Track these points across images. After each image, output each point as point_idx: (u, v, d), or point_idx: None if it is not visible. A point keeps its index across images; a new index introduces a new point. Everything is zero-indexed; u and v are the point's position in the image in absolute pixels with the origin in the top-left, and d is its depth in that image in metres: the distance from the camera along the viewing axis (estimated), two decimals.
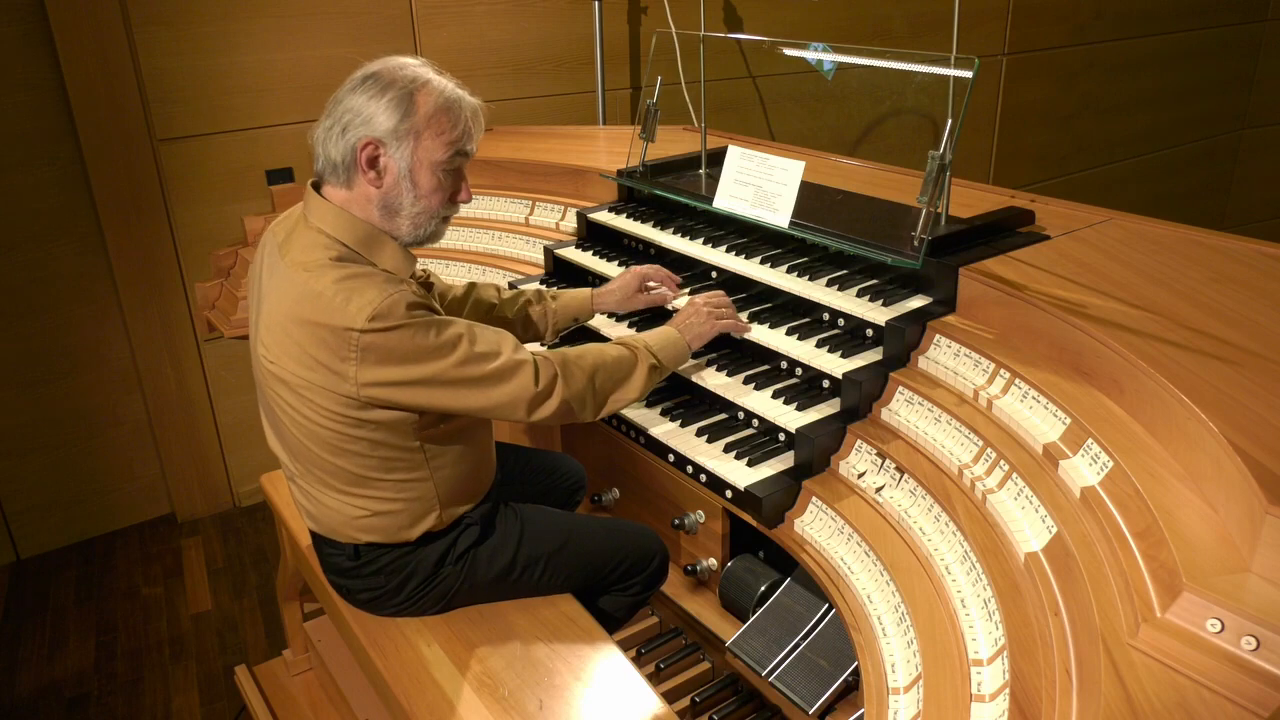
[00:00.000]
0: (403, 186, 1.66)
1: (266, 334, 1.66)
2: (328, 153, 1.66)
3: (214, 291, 2.90)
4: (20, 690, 2.82)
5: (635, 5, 4.04)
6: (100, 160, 3.16)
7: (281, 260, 1.66)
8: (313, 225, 1.68)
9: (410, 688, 1.72)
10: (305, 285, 1.59)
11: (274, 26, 3.30)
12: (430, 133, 1.64)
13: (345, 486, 1.74)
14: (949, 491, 1.63)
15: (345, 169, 1.66)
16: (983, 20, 5.05)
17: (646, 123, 2.63)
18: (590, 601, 1.99)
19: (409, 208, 1.68)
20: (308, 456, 1.73)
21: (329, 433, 1.67)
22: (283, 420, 1.72)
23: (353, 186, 1.67)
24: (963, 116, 1.84)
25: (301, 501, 1.85)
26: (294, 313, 1.60)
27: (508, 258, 2.84)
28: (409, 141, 1.63)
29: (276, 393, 1.69)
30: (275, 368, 1.65)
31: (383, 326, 1.56)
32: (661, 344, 1.94)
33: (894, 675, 1.45)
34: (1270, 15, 6.38)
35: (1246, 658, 1.06)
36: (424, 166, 1.66)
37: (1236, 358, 1.47)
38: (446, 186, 1.71)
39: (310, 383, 1.62)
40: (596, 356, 1.83)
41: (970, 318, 1.88)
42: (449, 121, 1.66)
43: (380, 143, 1.63)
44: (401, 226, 1.70)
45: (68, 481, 3.47)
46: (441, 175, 1.68)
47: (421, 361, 1.60)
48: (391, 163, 1.65)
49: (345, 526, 1.79)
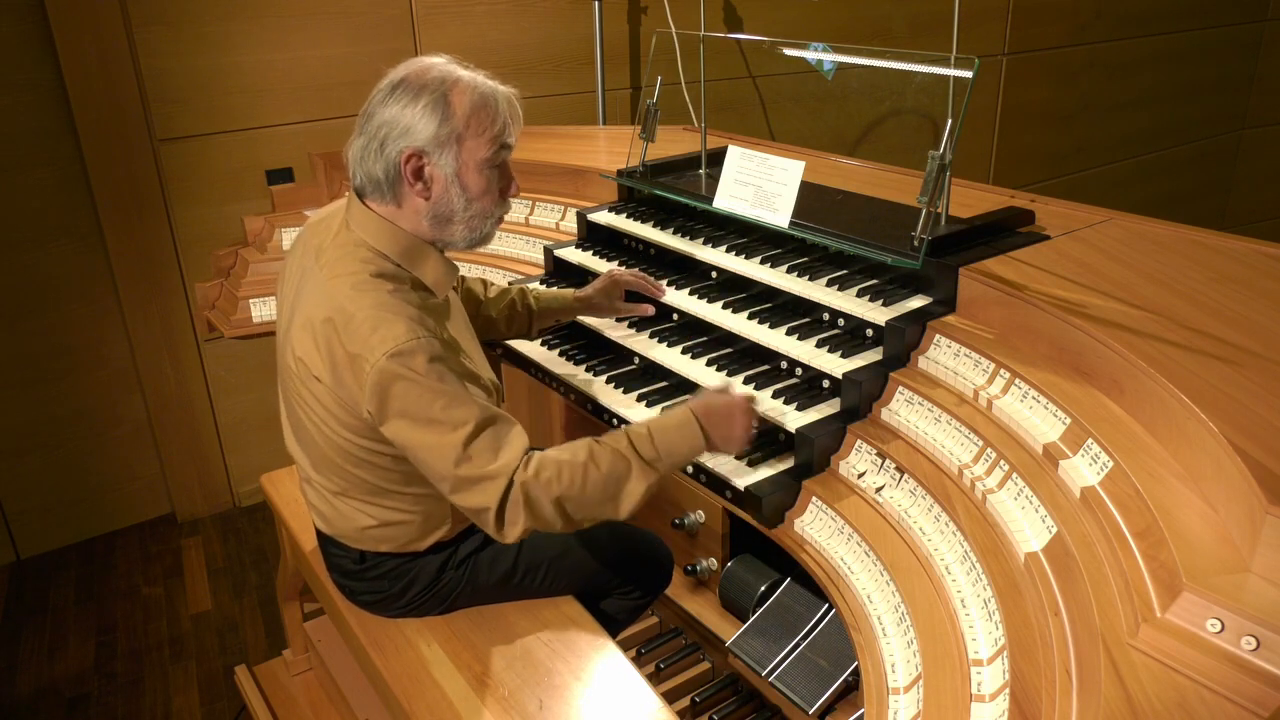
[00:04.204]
0: (453, 193, 1.62)
1: (298, 340, 1.62)
2: (368, 170, 1.61)
3: (214, 291, 2.89)
4: (20, 690, 2.82)
5: (635, 5, 4.04)
6: (100, 160, 3.16)
7: (319, 268, 1.62)
8: (354, 234, 1.64)
9: (410, 688, 1.72)
10: (341, 305, 1.55)
11: (274, 26, 3.30)
12: (471, 132, 1.59)
13: (364, 496, 1.73)
14: (949, 491, 1.63)
15: (390, 185, 1.60)
16: (983, 20, 5.05)
17: (646, 123, 2.63)
18: (593, 603, 1.99)
19: (462, 212, 1.64)
20: (328, 465, 1.72)
21: (353, 445, 1.65)
22: (306, 426, 1.70)
23: (402, 202, 1.62)
24: (963, 116, 1.84)
25: (315, 501, 1.84)
26: (325, 328, 1.56)
27: (508, 258, 2.84)
28: (452, 146, 1.59)
29: (302, 398, 1.66)
30: (304, 373, 1.62)
31: (396, 370, 1.50)
32: (670, 449, 1.66)
33: (894, 675, 1.45)
34: (1270, 15, 6.38)
35: (1246, 658, 1.06)
36: (470, 168, 1.61)
37: (1236, 358, 1.47)
38: (495, 184, 1.67)
39: (337, 398, 1.59)
40: (576, 483, 1.58)
41: (970, 318, 1.88)
42: (488, 117, 1.61)
43: (423, 152, 1.58)
44: (456, 233, 1.66)
45: (68, 481, 3.47)
46: (489, 173, 1.64)
47: (415, 422, 1.53)
48: (437, 171, 1.60)
49: (357, 534, 1.79)
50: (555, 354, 2.38)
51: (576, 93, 4.00)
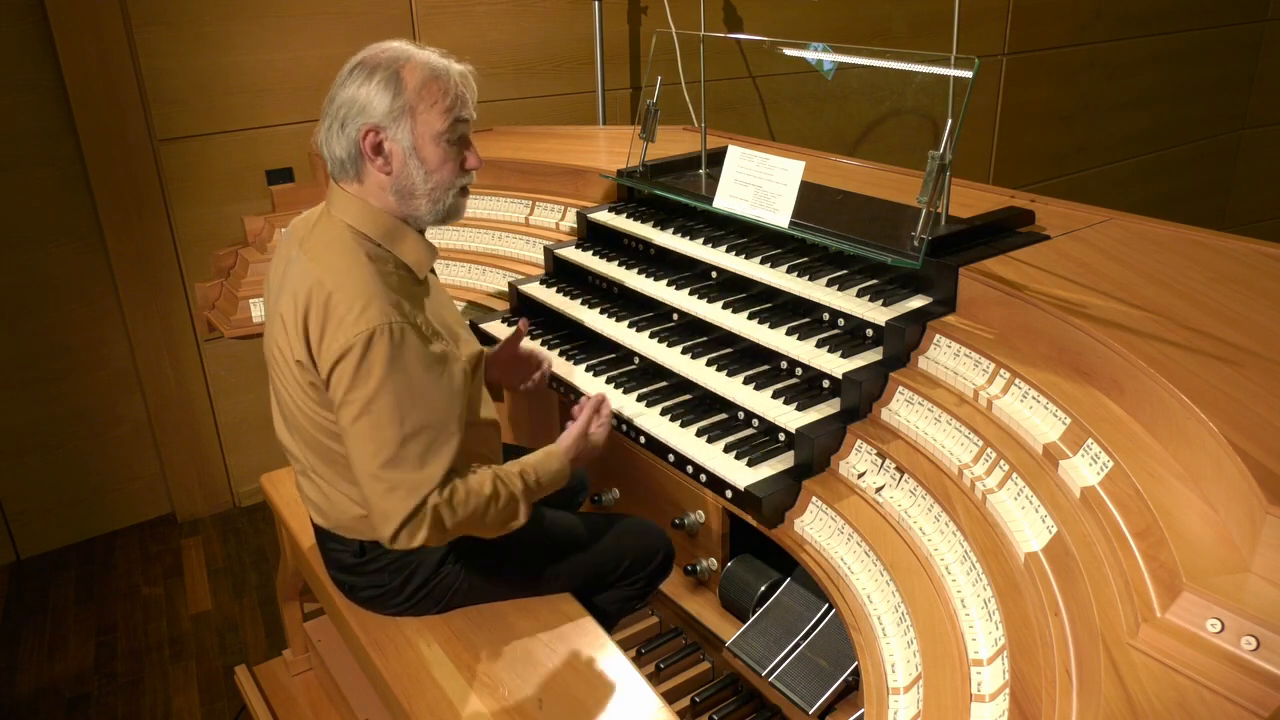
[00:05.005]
0: (412, 166, 1.67)
1: (281, 321, 1.66)
2: (333, 152, 1.68)
3: (214, 291, 2.89)
4: (20, 690, 2.82)
5: (635, 5, 4.04)
6: (100, 160, 3.16)
7: (303, 253, 1.67)
8: (336, 218, 1.69)
9: (410, 688, 1.72)
10: (321, 279, 1.60)
11: (274, 27, 3.30)
12: (424, 104, 1.64)
13: (353, 478, 1.74)
14: (949, 491, 1.63)
15: (353, 162, 1.67)
16: (983, 20, 5.05)
17: (646, 123, 2.63)
18: (590, 596, 1.99)
19: (422, 185, 1.69)
20: (315, 447, 1.74)
21: (331, 423, 1.68)
22: (290, 407, 1.73)
23: (364, 179, 1.68)
24: (963, 116, 1.84)
25: (310, 495, 1.85)
26: (306, 297, 1.61)
27: (508, 258, 2.84)
28: (406, 118, 1.64)
29: (285, 380, 1.71)
30: (285, 355, 1.67)
31: (360, 350, 1.55)
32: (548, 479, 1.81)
33: (894, 675, 1.45)
34: (1270, 15, 6.38)
35: (1246, 658, 1.06)
36: (427, 140, 1.66)
37: (1236, 358, 1.47)
38: (454, 156, 1.71)
39: (306, 368, 1.64)
40: (478, 514, 1.68)
41: (970, 318, 1.88)
42: (440, 89, 1.66)
43: (379, 127, 1.63)
44: (420, 207, 1.71)
45: (68, 481, 3.47)
46: (446, 146, 1.68)
47: (358, 405, 1.58)
48: (395, 145, 1.65)
49: (353, 521, 1.80)
50: (555, 354, 2.38)
51: (576, 93, 4.00)
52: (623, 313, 2.40)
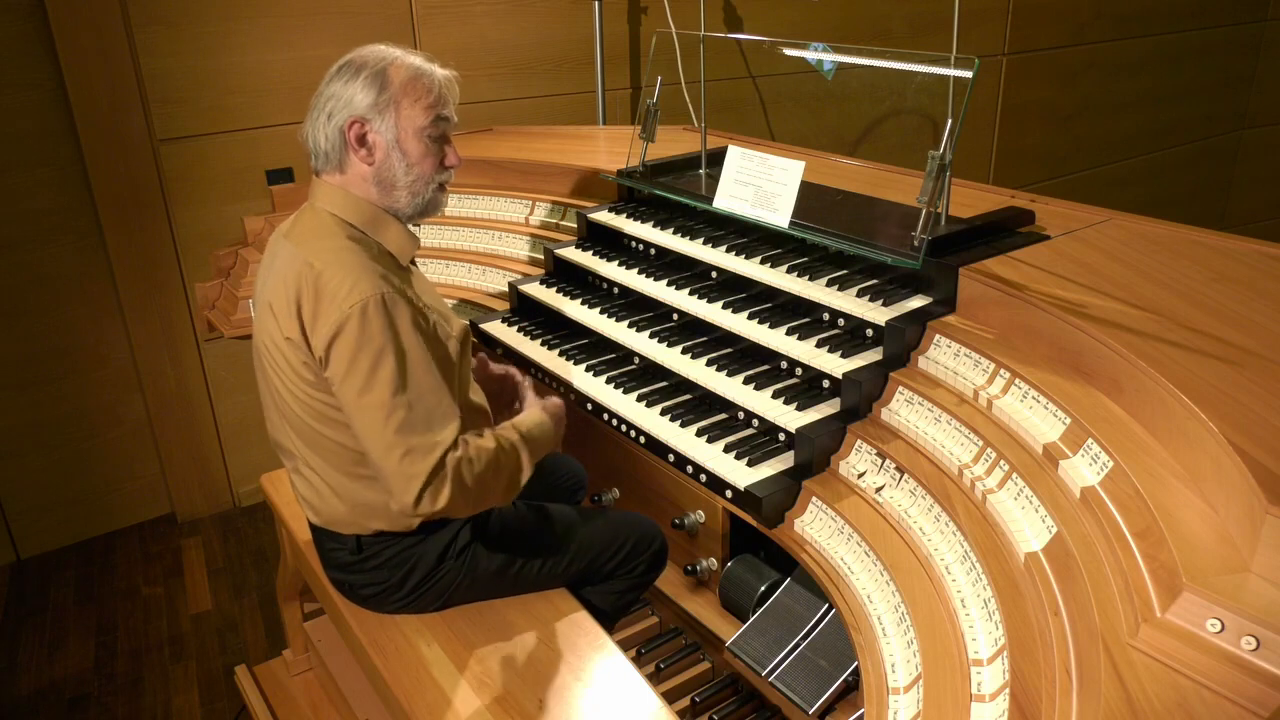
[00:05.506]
0: (394, 157, 1.73)
1: (270, 309, 1.69)
2: (317, 143, 1.74)
3: (214, 291, 2.89)
4: (20, 690, 2.82)
5: (635, 5, 4.04)
6: (100, 160, 3.16)
7: (288, 243, 1.71)
8: (319, 208, 1.75)
9: (410, 688, 1.72)
10: (309, 261, 1.64)
11: (274, 27, 3.30)
12: (408, 100, 1.72)
13: (350, 466, 1.75)
14: (949, 491, 1.63)
15: (337, 153, 1.73)
16: (983, 20, 5.05)
17: (646, 123, 2.63)
18: (589, 589, 2.00)
19: (403, 177, 1.75)
20: (308, 434, 1.75)
21: (322, 404, 1.69)
22: (284, 396, 1.74)
23: (346, 169, 1.74)
24: (963, 116, 1.84)
25: (304, 492, 1.85)
26: (296, 279, 1.64)
27: (508, 258, 2.84)
28: (390, 112, 1.71)
29: (277, 366, 1.72)
30: (276, 339, 1.69)
31: (358, 318, 1.58)
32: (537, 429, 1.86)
33: (894, 675, 1.45)
34: (1270, 15, 6.38)
35: (1246, 658, 1.06)
36: (409, 134, 1.73)
37: (1236, 358, 1.47)
38: (435, 152, 1.78)
39: (298, 348, 1.66)
40: (491, 465, 1.71)
41: (970, 318, 1.88)
42: (423, 88, 1.73)
43: (364, 119, 1.71)
44: (400, 199, 1.77)
45: (68, 481, 3.47)
46: (428, 141, 1.75)
47: (362, 373, 1.60)
48: (379, 137, 1.72)
49: (349, 514, 1.80)
50: (555, 354, 2.38)
51: (576, 93, 4.00)
52: (623, 313, 2.40)
